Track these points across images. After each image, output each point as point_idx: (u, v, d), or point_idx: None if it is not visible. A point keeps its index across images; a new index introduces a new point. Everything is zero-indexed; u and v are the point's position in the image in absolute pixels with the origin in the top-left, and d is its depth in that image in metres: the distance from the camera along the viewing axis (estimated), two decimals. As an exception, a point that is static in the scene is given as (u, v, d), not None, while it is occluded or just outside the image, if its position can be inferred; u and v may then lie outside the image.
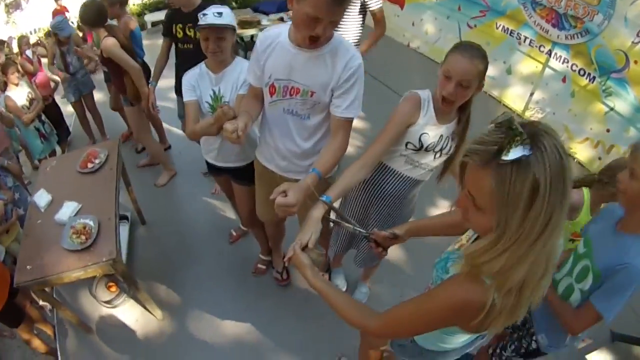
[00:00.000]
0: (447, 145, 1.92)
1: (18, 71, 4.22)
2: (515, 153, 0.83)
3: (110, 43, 3.27)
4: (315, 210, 1.50)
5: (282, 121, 1.95)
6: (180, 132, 4.57)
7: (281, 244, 3.04)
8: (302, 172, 2.00)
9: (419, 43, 6.95)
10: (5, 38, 11.02)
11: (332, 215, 1.63)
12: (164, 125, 4.64)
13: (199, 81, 2.32)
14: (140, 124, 3.85)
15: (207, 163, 2.67)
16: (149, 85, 3.54)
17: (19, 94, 4.05)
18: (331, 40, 1.73)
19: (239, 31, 5.99)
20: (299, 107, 1.86)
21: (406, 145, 1.91)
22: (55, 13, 10.27)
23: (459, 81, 1.66)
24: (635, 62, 3.95)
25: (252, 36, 6.28)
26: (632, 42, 3.93)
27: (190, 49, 3.29)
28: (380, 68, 5.73)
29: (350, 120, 1.83)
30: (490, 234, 0.92)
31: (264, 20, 6.26)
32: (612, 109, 4.23)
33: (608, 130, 4.30)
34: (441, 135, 1.88)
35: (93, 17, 3.30)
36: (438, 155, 1.95)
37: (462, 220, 1.03)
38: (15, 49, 8.20)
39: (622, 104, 4.13)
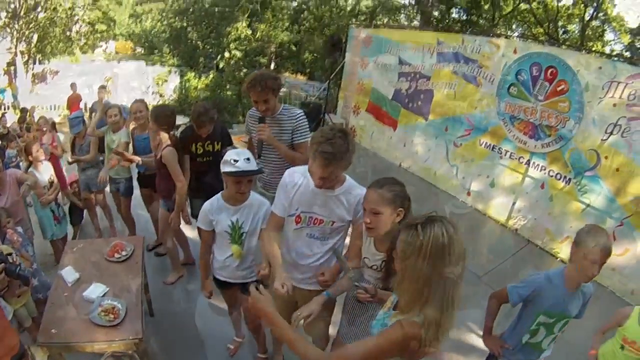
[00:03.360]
0: None
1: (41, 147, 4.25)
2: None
3: (170, 152, 3.46)
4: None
5: (304, 243, 2.35)
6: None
7: (282, 346, 3.09)
8: (313, 283, 2.35)
9: (410, 162, 7.32)
10: (27, 106, 11.60)
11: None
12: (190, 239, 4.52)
13: (215, 214, 2.55)
14: (169, 227, 3.91)
15: (216, 279, 2.77)
16: None
17: (43, 172, 4.10)
18: (343, 182, 2.22)
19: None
20: (320, 232, 2.31)
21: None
22: (71, 100, 10.83)
23: (369, 209, 2.02)
24: (606, 157, 4.33)
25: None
26: (601, 140, 4.31)
27: (209, 160, 3.76)
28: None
29: None
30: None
31: None
32: (588, 205, 4.51)
33: (586, 226, 4.36)
34: (384, 260, 2.15)
35: (166, 120, 3.56)
36: None
37: None
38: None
39: (597, 198, 4.45)
